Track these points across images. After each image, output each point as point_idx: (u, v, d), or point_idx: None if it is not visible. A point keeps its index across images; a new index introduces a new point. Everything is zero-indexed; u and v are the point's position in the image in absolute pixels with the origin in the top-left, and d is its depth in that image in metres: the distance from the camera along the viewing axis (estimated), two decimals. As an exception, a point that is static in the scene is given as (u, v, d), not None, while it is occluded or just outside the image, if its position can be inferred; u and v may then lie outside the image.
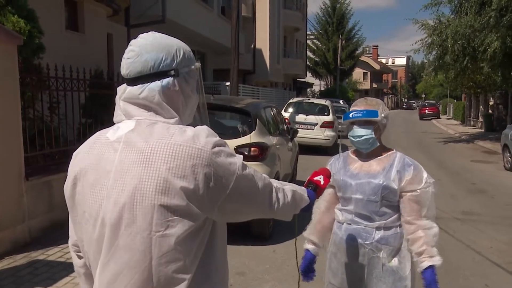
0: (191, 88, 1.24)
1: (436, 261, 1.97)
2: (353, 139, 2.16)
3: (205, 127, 1.16)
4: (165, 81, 1.17)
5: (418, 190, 2.04)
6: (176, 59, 1.19)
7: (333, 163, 2.29)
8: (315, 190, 1.62)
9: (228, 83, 14.43)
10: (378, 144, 2.15)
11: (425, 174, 2.07)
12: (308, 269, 2.28)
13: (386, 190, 2.07)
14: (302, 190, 1.51)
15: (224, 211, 1.16)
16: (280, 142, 6.11)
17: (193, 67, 1.25)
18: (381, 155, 2.17)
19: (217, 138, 1.14)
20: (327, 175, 1.68)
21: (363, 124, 2.12)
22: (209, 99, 5.54)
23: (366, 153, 2.18)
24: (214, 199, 1.11)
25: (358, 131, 2.13)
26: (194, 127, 1.15)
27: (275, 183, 1.36)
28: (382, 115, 2.12)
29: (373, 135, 2.11)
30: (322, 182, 1.64)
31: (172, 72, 1.18)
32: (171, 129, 1.13)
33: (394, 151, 2.20)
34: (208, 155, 1.10)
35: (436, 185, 2.10)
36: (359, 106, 2.15)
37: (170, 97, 1.18)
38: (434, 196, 2.06)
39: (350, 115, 2.13)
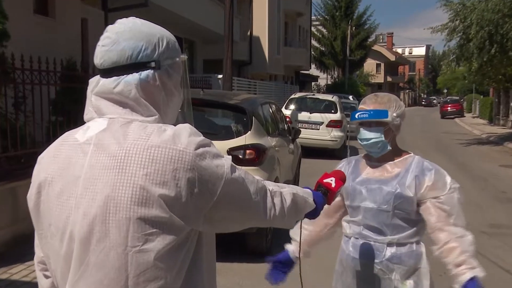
0: (174, 84, 1.25)
1: (479, 272, 1.91)
2: (361, 142, 2.18)
3: (187, 125, 1.16)
4: (144, 74, 1.17)
5: (441, 197, 2.04)
6: (158, 50, 1.19)
7: (343, 167, 2.30)
8: (326, 194, 1.63)
9: (220, 76, 14.43)
10: (390, 148, 2.16)
11: (448, 178, 2.08)
12: (275, 268, 2.22)
13: (400, 199, 2.07)
14: (305, 193, 1.51)
15: (212, 221, 1.16)
16: (280, 143, 6.12)
17: (177, 59, 1.25)
18: (397, 159, 2.18)
19: (200, 138, 1.15)
20: (341, 177, 1.68)
21: (371, 125, 2.13)
22: (198, 94, 5.54)
23: (378, 158, 2.20)
24: (199, 207, 1.12)
25: (366, 133, 2.14)
26: (175, 126, 1.16)
27: (271, 185, 1.36)
28: (394, 114, 2.12)
29: (383, 138, 2.12)
30: (333, 185, 1.65)
31: (153, 64, 1.18)
32: (148, 129, 1.13)
33: (411, 154, 2.21)
34: (191, 158, 1.10)
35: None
36: (367, 105, 2.16)
37: (149, 93, 1.18)
38: (461, 203, 2.06)
39: (356, 116, 2.15)
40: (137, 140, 1.10)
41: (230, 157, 1.21)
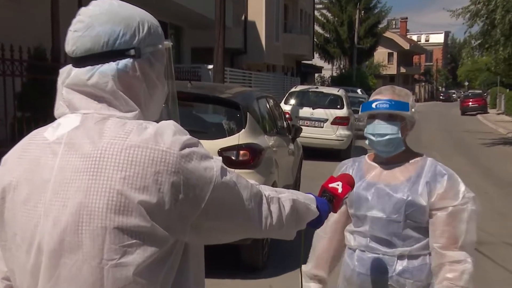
0: (157, 74, 1.25)
1: None
2: (372, 137, 2.17)
3: (171, 122, 1.16)
4: (122, 63, 1.18)
5: (450, 208, 2.05)
6: (138, 35, 1.19)
7: (347, 169, 2.29)
8: (331, 201, 1.63)
9: (210, 66, 14.42)
10: (404, 147, 2.17)
11: (462, 187, 2.09)
12: None
13: (412, 207, 2.08)
14: (307, 199, 1.53)
15: (200, 231, 1.17)
16: (279, 143, 6.13)
17: (160, 46, 1.25)
18: (407, 162, 2.18)
19: (186, 137, 1.15)
20: (348, 181, 1.69)
21: (388, 119, 2.13)
22: (186, 87, 5.54)
23: (387, 158, 2.20)
24: (185, 215, 1.12)
25: (381, 127, 2.13)
26: (158, 123, 1.16)
27: (267, 191, 1.37)
28: (413, 109, 2.14)
29: (399, 135, 2.13)
30: (340, 190, 1.64)
31: (132, 52, 1.18)
32: (127, 126, 1.13)
33: (423, 156, 2.22)
34: (175, 159, 1.10)
35: (480, 200, 2.11)
36: (384, 95, 2.16)
37: (128, 85, 1.19)
38: (475, 216, 2.07)
39: (373, 105, 2.14)
40: (114, 139, 1.10)
41: (221, 158, 1.22)
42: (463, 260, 2.02)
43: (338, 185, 1.65)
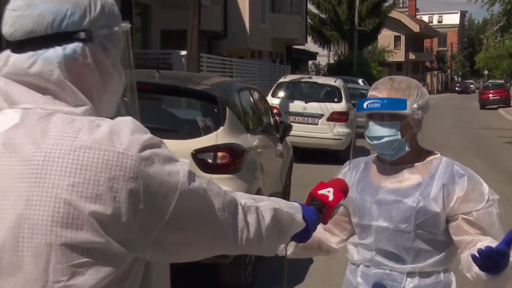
0: (113, 62, 1.25)
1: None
2: (369, 141, 2.21)
3: (129, 118, 1.17)
4: (70, 48, 1.18)
5: (475, 213, 2.08)
6: (89, 15, 1.19)
7: (347, 173, 2.32)
8: (321, 210, 1.64)
9: (184, 52, 14.40)
10: (408, 149, 2.19)
11: (486, 188, 2.12)
12: None
13: (424, 216, 2.11)
14: (292, 208, 1.54)
15: (163, 247, 1.17)
16: (264, 143, 6.14)
17: (116, 28, 1.26)
18: (419, 162, 2.22)
19: (147, 136, 1.16)
20: (341, 188, 1.70)
21: (384, 119, 2.16)
22: (153, 77, 5.53)
23: (394, 160, 2.22)
24: (146, 229, 1.13)
25: (376, 129, 2.17)
26: (113, 119, 1.16)
27: (244, 198, 1.38)
28: (415, 106, 2.15)
29: (399, 136, 2.15)
30: (331, 198, 1.66)
31: (82, 35, 1.18)
32: (76, 124, 1.12)
33: (437, 155, 2.25)
34: (133, 163, 1.10)
35: (503, 205, 2.14)
36: (379, 91, 2.20)
37: (77, 74, 1.19)
38: (500, 221, 2.10)
39: (365, 105, 2.17)
40: (60, 139, 1.10)
41: (188, 161, 1.22)
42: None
43: (328, 191, 1.66)
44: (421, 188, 2.15)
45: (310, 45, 39.13)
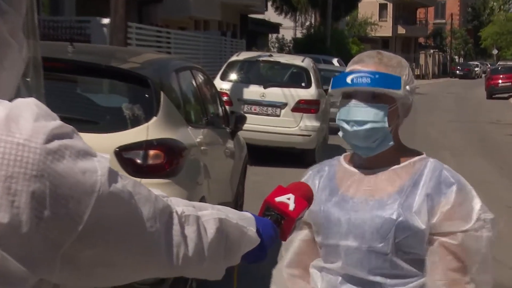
0: (11, 29, 1.26)
1: None
2: (346, 126, 2.21)
3: (31, 100, 1.17)
4: None
5: (460, 234, 2.11)
6: None
7: (309, 181, 2.33)
8: (279, 222, 1.66)
9: (106, 20, 14.27)
10: (392, 142, 2.23)
11: (477, 203, 2.16)
12: None
13: (405, 232, 2.14)
14: (243, 219, 1.57)
15: (76, 266, 1.18)
16: (210, 139, 6.18)
17: None
18: (398, 164, 2.25)
19: (55, 123, 1.16)
20: (304, 194, 1.73)
21: (370, 99, 2.19)
22: (65, 52, 5.49)
23: (369, 160, 2.25)
24: (53, 242, 1.13)
25: (359, 111, 2.18)
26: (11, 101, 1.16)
27: (181, 206, 1.40)
28: (407, 87, 2.20)
29: (386, 123, 2.18)
30: (291, 207, 1.67)
31: None
32: None
33: (422, 155, 2.29)
34: (38, 157, 1.10)
35: (508, 217, 2.19)
36: (366, 64, 2.22)
37: None
38: (491, 245, 2.14)
39: (349, 79, 2.19)
40: None
41: (108, 156, 1.24)
42: None
43: (288, 199, 1.68)
44: (402, 196, 2.18)
45: (271, 15, 39.23)
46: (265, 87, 13.55)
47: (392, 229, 2.13)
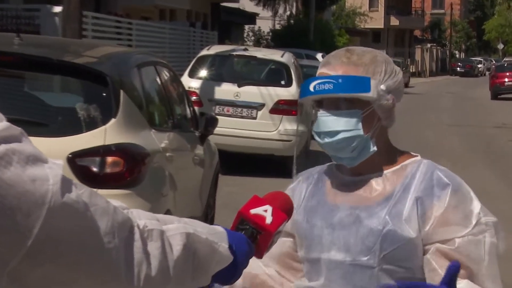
0: None
1: None
2: (318, 139, 2.27)
3: None
4: None
5: (458, 240, 2.12)
6: None
7: (296, 188, 2.38)
8: (254, 237, 1.67)
9: (58, 9, 14.24)
10: (374, 148, 2.25)
11: (476, 205, 2.18)
12: None
13: (393, 244, 2.16)
14: (214, 234, 1.57)
15: (25, 285, 1.20)
16: (177, 145, 6.20)
17: None
18: (389, 168, 2.28)
19: (2, 125, 1.17)
20: (282, 205, 1.74)
21: (340, 106, 2.22)
22: (11, 45, 5.47)
23: (357, 166, 2.28)
24: None
25: (327, 121, 2.23)
26: None
27: (143, 219, 1.41)
28: (382, 87, 2.22)
29: (361, 131, 2.21)
30: (268, 220, 1.68)
31: None
32: None
33: (417, 157, 2.32)
34: None
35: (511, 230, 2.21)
36: (332, 67, 2.26)
37: None
38: (495, 251, 2.15)
39: (311, 87, 2.23)
40: None
41: (61, 163, 1.24)
42: None
43: (265, 211, 1.69)
44: (390, 203, 2.20)
45: (247, 3, 39.22)
46: (239, 86, 13.58)
47: (378, 240, 2.15)
